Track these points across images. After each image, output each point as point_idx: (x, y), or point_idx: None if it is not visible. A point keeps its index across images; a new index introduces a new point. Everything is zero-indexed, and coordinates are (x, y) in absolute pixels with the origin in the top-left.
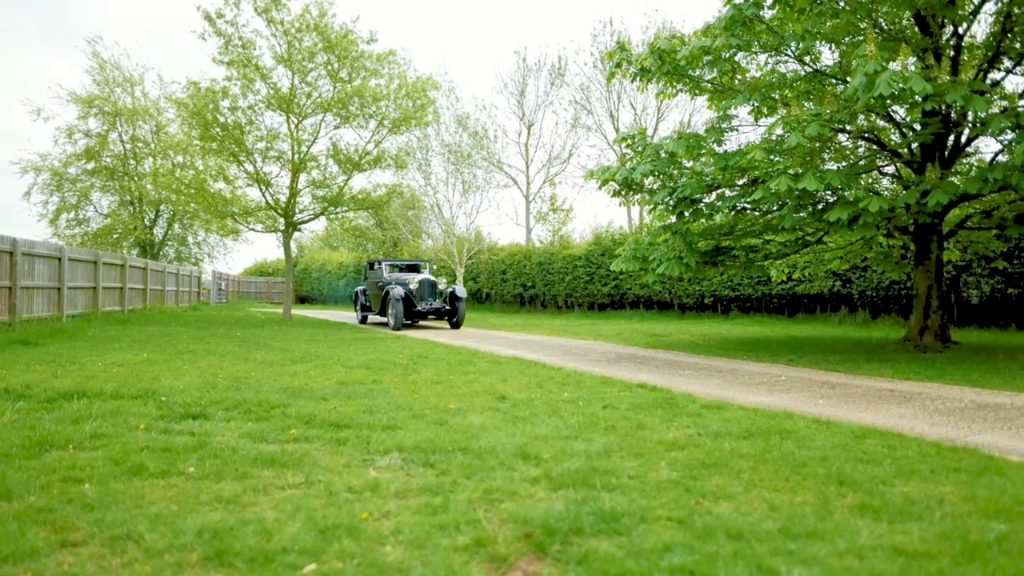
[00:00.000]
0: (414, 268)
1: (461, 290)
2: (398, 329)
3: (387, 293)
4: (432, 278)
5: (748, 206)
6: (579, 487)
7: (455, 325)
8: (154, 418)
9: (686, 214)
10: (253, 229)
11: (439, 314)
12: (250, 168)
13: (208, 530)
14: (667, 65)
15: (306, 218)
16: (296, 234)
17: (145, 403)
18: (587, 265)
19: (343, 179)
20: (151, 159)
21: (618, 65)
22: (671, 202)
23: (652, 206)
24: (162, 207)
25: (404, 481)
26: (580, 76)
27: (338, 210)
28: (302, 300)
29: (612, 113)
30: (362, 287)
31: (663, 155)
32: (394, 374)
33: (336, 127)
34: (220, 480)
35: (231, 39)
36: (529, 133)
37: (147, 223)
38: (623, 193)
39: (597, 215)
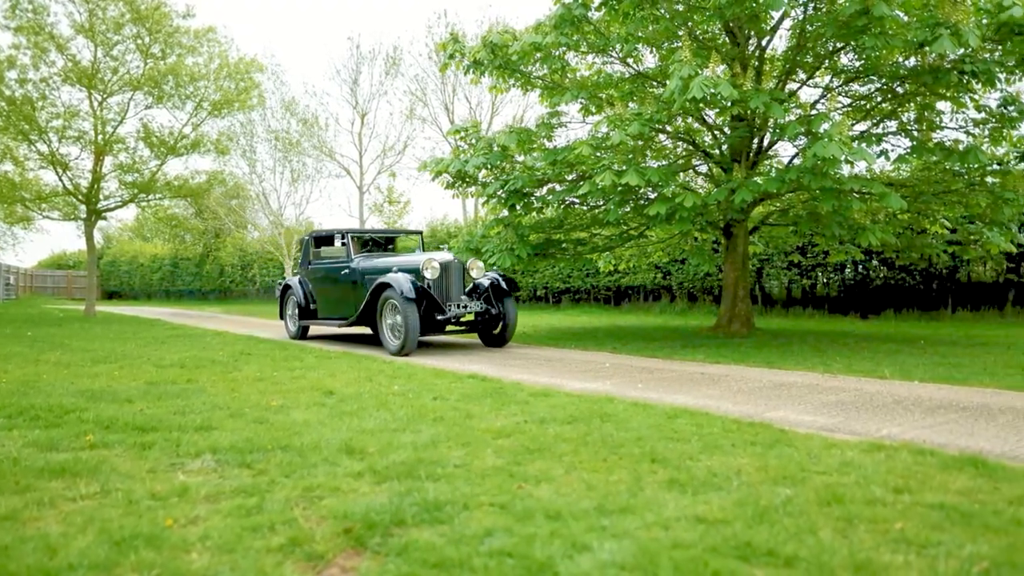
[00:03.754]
0: (388, 242)
1: (507, 280)
2: (408, 353)
3: (378, 291)
4: (455, 258)
5: (576, 201)
6: (404, 479)
7: (501, 339)
8: None
9: (518, 207)
10: (48, 217)
11: (475, 322)
12: (44, 148)
13: None
14: (499, 59)
15: (112, 205)
16: (102, 223)
17: None
18: None
19: (156, 164)
20: None
21: (451, 56)
22: (503, 195)
23: (485, 199)
24: None
25: (217, 484)
26: (415, 67)
27: (151, 197)
28: (110, 296)
29: (447, 106)
30: (297, 277)
31: (496, 148)
32: (212, 372)
33: (148, 107)
34: None
35: (19, 2)
36: (363, 122)
37: None
38: (456, 185)
39: (433, 207)
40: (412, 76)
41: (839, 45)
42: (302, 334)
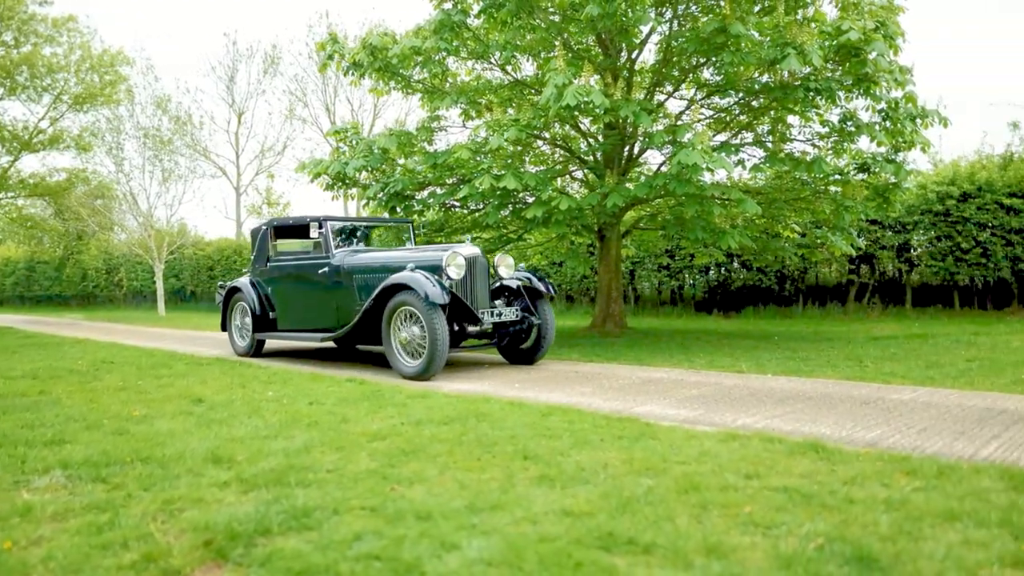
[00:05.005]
0: (356, 233)
1: (542, 282)
2: (430, 377)
3: (386, 295)
4: (477, 251)
5: (457, 204)
6: (273, 486)
7: (531, 355)
8: None
9: (399, 210)
10: None
11: (502, 334)
12: None
13: None
14: (379, 61)
15: None
16: None
17: None
18: None
19: (7, 160)
20: None
21: (330, 57)
22: (383, 197)
23: (366, 201)
24: None
25: (66, 501)
26: (296, 66)
27: (2, 196)
28: None
29: (329, 107)
30: (247, 278)
31: (376, 151)
32: (69, 383)
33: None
34: None
35: None
36: (240, 122)
37: None
38: (336, 187)
39: (313, 209)
40: (292, 76)
41: (701, 60)
42: (256, 349)
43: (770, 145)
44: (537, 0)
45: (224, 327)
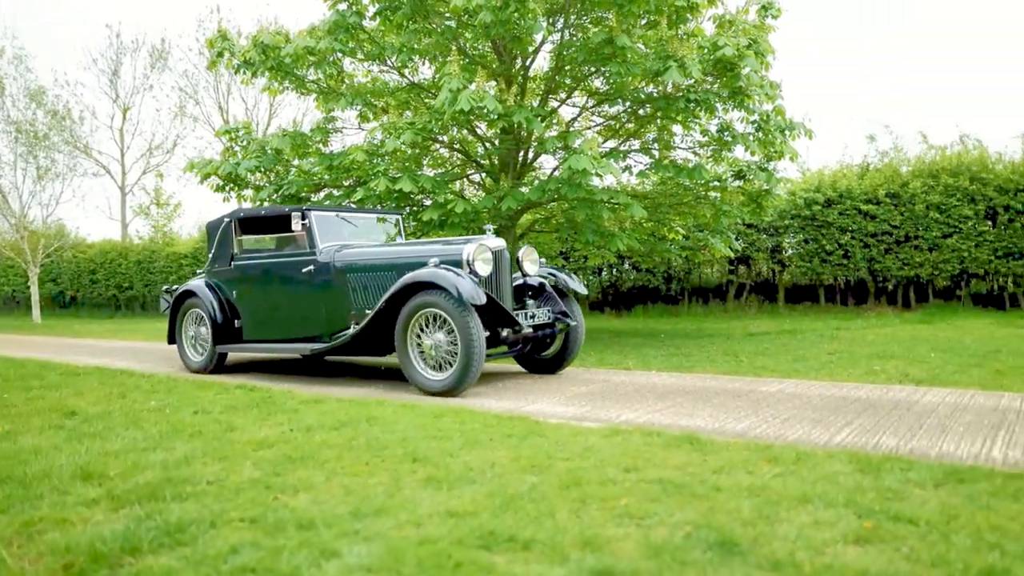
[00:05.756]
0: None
1: (571, 279)
2: (462, 392)
3: (403, 296)
4: (502, 243)
5: (353, 206)
6: (147, 502)
7: (557, 363)
8: None
9: None
10: None
11: (527, 339)
12: None
13: None
14: (271, 60)
15: None
16: None
17: None
18: (195, 263)
19: None
20: None
21: (220, 54)
22: (278, 199)
23: (259, 203)
24: None
25: None
26: (185, 62)
27: None
28: None
29: (221, 105)
30: (202, 280)
31: (269, 151)
32: None
33: None
34: None
35: None
36: (125, 118)
37: None
38: (227, 188)
39: (203, 210)
40: (182, 72)
41: (591, 70)
42: (216, 364)
43: (656, 153)
44: (433, 4)
45: (172, 339)
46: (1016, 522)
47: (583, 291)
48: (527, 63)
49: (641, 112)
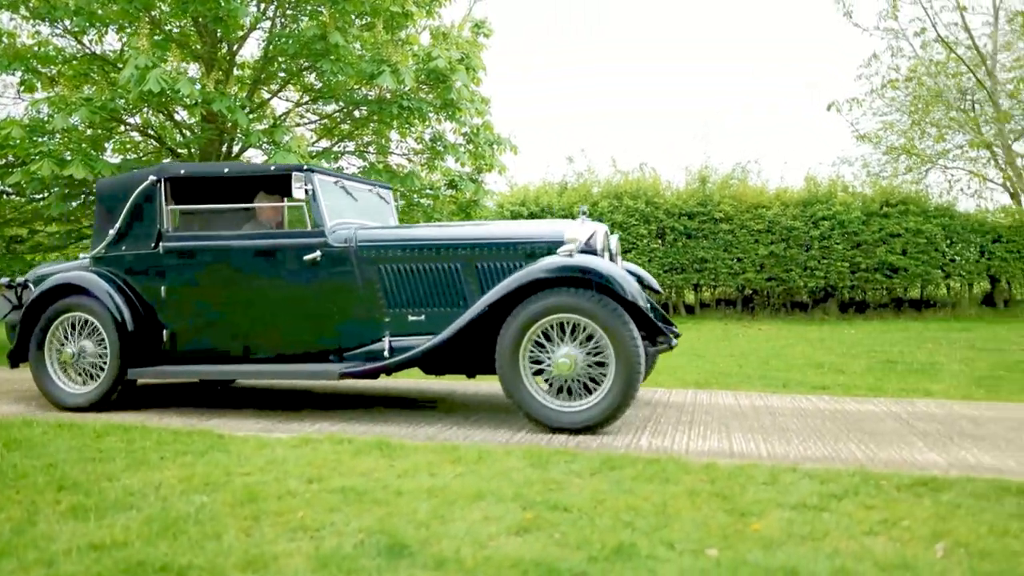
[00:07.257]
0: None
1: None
2: (612, 422)
3: (515, 297)
4: (605, 228)
5: (9, 190)
6: None
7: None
8: None
9: None
10: None
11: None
12: None
13: None
14: None
15: None
16: None
17: None
18: None
19: None
20: None
21: None
22: None
23: None
24: None
25: None
26: None
27: None
28: None
29: None
30: (90, 272)
31: None
32: None
33: None
34: None
35: None
36: None
37: None
38: None
39: None
40: None
41: (305, 64)
42: (120, 395)
43: (371, 156)
44: None
45: (18, 359)
46: (648, 502)
47: (661, 292)
48: (234, 48)
49: (357, 114)
